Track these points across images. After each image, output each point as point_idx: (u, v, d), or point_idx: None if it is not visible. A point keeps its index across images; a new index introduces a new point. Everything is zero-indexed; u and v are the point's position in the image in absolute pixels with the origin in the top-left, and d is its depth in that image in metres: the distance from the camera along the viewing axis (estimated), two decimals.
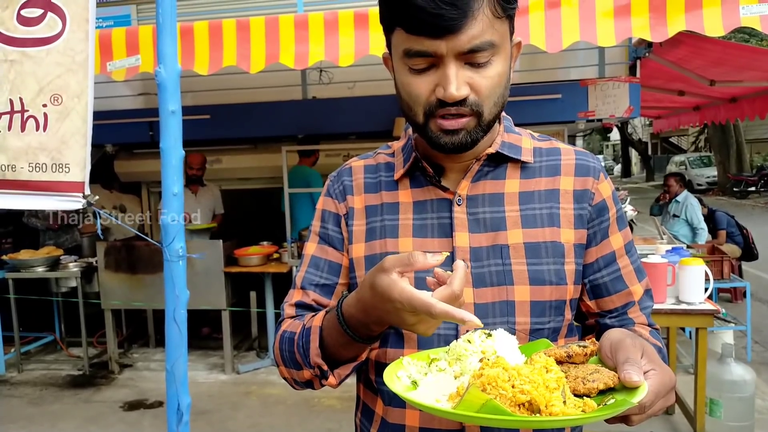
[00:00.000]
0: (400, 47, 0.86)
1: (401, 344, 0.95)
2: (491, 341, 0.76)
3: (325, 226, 1.05)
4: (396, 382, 0.77)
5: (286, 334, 0.98)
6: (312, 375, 0.94)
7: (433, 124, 0.88)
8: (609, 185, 1.00)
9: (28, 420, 4.16)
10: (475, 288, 0.93)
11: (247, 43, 3.05)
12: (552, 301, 0.94)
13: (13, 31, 1.77)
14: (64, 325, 5.59)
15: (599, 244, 0.98)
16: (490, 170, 0.98)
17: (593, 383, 0.70)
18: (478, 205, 0.96)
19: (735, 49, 5.09)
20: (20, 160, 1.80)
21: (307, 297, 1.03)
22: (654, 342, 0.95)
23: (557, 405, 0.65)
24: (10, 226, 5.93)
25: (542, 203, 0.96)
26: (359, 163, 1.07)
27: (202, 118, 5.21)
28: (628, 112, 4.84)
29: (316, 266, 1.03)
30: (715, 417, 3.30)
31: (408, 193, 1.00)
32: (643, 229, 11.17)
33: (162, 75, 1.97)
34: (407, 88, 0.88)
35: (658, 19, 2.76)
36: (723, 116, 6.97)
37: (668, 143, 31.53)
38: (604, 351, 0.76)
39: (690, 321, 3.28)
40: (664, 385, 0.72)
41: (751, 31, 13.99)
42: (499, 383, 0.66)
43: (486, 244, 0.94)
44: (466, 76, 0.84)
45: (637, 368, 0.70)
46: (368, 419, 1.04)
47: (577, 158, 1.00)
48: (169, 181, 2.09)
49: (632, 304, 1.00)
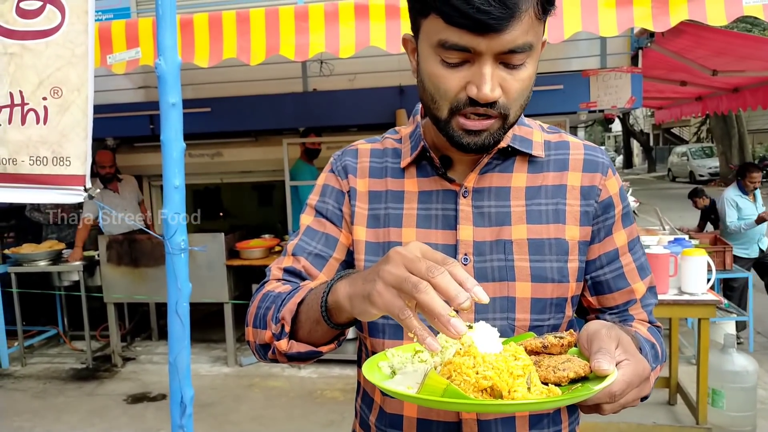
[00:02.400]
0: (434, 36, 0.81)
1: (400, 335, 0.94)
2: (471, 333, 0.76)
3: (325, 200, 1.02)
4: (375, 372, 0.78)
5: (272, 293, 0.93)
6: (272, 333, 0.87)
7: (456, 123, 0.85)
8: (617, 181, 0.98)
9: (32, 413, 4.18)
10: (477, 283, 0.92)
11: (247, 35, 3.04)
12: (553, 299, 0.93)
13: (12, 23, 1.76)
14: (67, 319, 5.60)
15: (602, 241, 0.97)
16: (499, 163, 0.96)
17: (563, 372, 0.71)
18: (483, 199, 0.94)
19: (737, 38, 5.06)
20: (21, 154, 1.80)
21: (297, 263, 0.99)
22: (647, 337, 0.94)
23: (520, 391, 0.66)
24: (13, 220, 5.94)
25: (549, 199, 0.95)
26: (366, 146, 1.05)
27: (202, 111, 5.20)
28: (630, 103, 4.83)
29: (312, 236, 1.00)
30: (718, 407, 3.31)
31: (414, 182, 0.98)
32: (645, 220, 11.17)
33: (162, 67, 1.96)
34: (435, 80, 0.83)
35: (660, 8, 2.74)
36: (725, 106, 6.95)
37: (670, 134, 31.45)
38: (581, 342, 0.75)
39: (692, 311, 3.28)
40: (637, 375, 0.72)
41: (753, 21, 13.92)
42: (463, 369, 0.67)
43: (489, 239, 0.93)
44: (500, 77, 0.81)
45: (608, 357, 0.70)
46: (368, 406, 1.03)
47: (585, 153, 0.98)
48: (170, 174, 2.09)
49: (634, 302, 1.00)
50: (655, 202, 13.63)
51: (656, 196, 17.86)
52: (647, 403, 3.89)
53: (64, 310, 5.57)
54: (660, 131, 32.47)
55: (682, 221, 8.18)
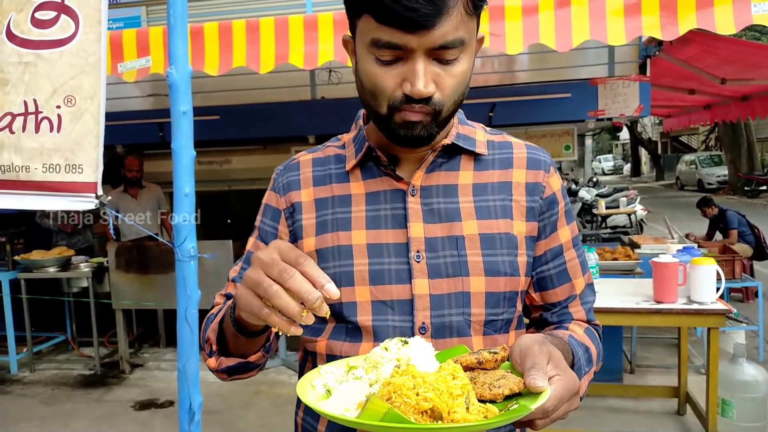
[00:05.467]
0: (367, 35, 0.84)
1: (359, 338, 0.94)
2: (407, 349, 0.76)
3: (264, 221, 1.04)
4: (310, 392, 0.77)
5: (211, 317, 0.97)
6: (206, 353, 0.92)
7: (398, 116, 0.87)
8: (558, 179, 1.02)
9: (40, 419, 4.20)
10: (431, 279, 0.92)
11: (256, 44, 3.06)
12: (506, 292, 0.95)
13: (27, 33, 1.78)
14: (75, 325, 5.62)
15: (548, 237, 1.00)
16: (444, 161, 0.98)
17: (499, 389, 0.71)
18: (432, 196, 0.96)
19: (746, 47, 5.05)
20: (34, 161, 1.81)
21: (235, 289, 1.00)
22: (581, 340, 0.96)
23: (459, 412, 0.66)
24: (23, 226, 5.98)
25: (495, 195, 0.97)
26: (307, 157, 1.05)
27: (211, 118, 5.23)
28: (638, 111, 4.82)
29: (249, 262, 1.02)
30: (728, 417, 3.28)
31: (360, 184, 0.98)
32: (654, 229, 11.12)
33: (173, 76, 1.98)
34: (372, 78, 0.86)
35: (668, 17, 2.74)
36: (734, 115, 6.92)
37: (678, 142, 31.33)
38: (513, 357, 0.76)
39: (701, 321, 3.25)
40: (568, 390, 0.73)
41: (762, 29, 13.88)
42: (404, 391, 0.67)
43: (441, 235, 0.94)
44: (434, 73, 0.84)
45: (542, 374, 0.71)
46: (314, 416, 1.01)
47: (528, 152, 1.01)
48: (181, 182, 2.10)
49: (574, 298, 1.03)
50: (664, 210, 13.58)
51: (664, 204, 17.78)
52: (656, 412, 3.87)
53: (73, 317, 5.59)
54: (668, 139, 32.35)
55: (691, 230, 8.13)
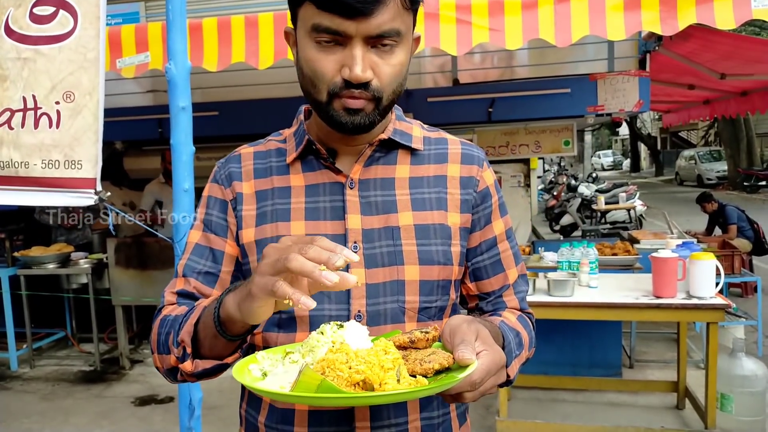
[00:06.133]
0: (308, 21, 0.86)
1: (293, 327, 0.96)
2: (342, 332, 0.78)
3: (209, 213, 1.03)
4: (246, 374, 0.79)
5: (169, 317, 0.96)
6: (175, 357, 0.91)
7: (337, 103, 0.89)
8: (491, 174, 1.07)
9: (40, 415, 4.21)
10: (367, 269, 0.95)
11: (255, 40, 3.05)
12: (440, 281, 0.98)
13: (26, 29, 1.78)
14: (75, 321, 5.63)
15: (483, 229, 1.04)
16: (382, 156, 1.01)
17: (429, 364, 0.75)
18: (369, 189, 0.98)
19: (746, 42, 5.05)
20: (33, 157, 1.81)
21: (188, 285, 1.01)
22: (513, 326, 0.99)
23: (390, 383, 0.69)
24: (22, 222, 5.98)
25: (431, 188, 1.01)
26: (249, 150, 1.07)
27: (210, 114, 5.23)
28: (638, 107, 4.82)
29: (200, 254, 1.02)
30: (726, 412, 3.29)
31: (300, 177, 1.00)
32: (653, 224, 11.13)
33: (172, 71, 1.98)
34: (312, 64, 0.88)
35: (668, 12, 2.74)
36: (733, 110, 6.92)
37: (678, 137, 31.33)
38: (444, 336, 0.80)
39: (701, 316, 3.26)
40: (495, 363, 0.78)
41: (762, 24, 13.87)
42: (336, 365, 0.70)
43: (378, 226, 0.97)
44: (372, 61, 0.87)
45: (470, 348, 0.75)
46: (255, 408, 1.03)
47: (462, 148, 1.05)
48: (180, 177, 2.10)
49: (507, 287, 1.07)
50: (663, 205, 13.58)
51: (664, 199, 17.79)
52: (656, 407, 3.88)
53: (73, 313, 5.59)
54: (667, 135, 32.36)
55: (690, 225, 8.15)
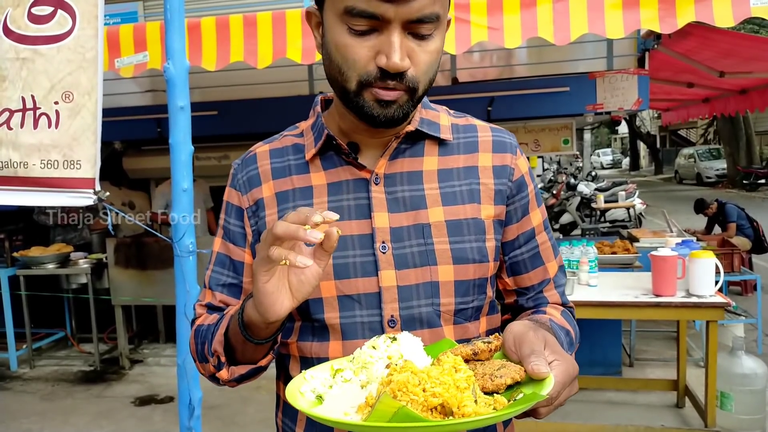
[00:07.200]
0: (341, 3, 0.79)
1: (326, 336, 0.91)
2: (397, 345, 0.74)
3: (228, 220, 0.99)
4: (299, 399, 0.73)
5: (203, 327, 0.95)
6: (212, 366, 0.90)
7: (368, 94, 0.82)
8: (525, 162, 0.99)
9: (40, 415, 4.20)
10: (398, 270, 0.89)
11: (254, 39, 3.05)
12: (475, 280, 0.92)
13: (24, 29, 1.77)
14: (74, 322, 5.62)
15: (520, 221, 0.97)
16: (408, 147, 0.94)
17: (501, 379, 0.70)
18: (396, 184, 0.92)
19: (745, 40, 5.04)
20: (32, 157, 1.81)
21: (214, 299, 0.98)
22: (561, 324, 0.94)
23: (469, 405, 0.64)
24: (21, 223, 5.97)
25: (461, 180, 0.94)
26: (264, 148, 1.01)
27: (209, 114, 5.22)
28: (637, 105, 4.82)
29: (222, 264, 0.99)
30: (726, 410, 3.29)
31: (321, 175, 0.94)
32: (653, 223, 11.13)
33: (171, 71, 1.98)
34: (343, 50, 0.81)
35: (667, 10, 2.73)
36: (732, 108, 6.91)
37: (677, 136, 31.32)
38: (507, 345, 0.74)
39: (700, 314, 3.25)
40: (568, 375, 0.72)
41: (760, 22, 13.87)
42: (409, 388, 0.64)
43: (407, 224, 0.90)
44: (409, 48, 0.80)
45: (543, 360, 0.69)
46: (292, 419, 0.99)
47: (493, 135, 0.98)
48: (179, 177, 2.10)
49: (548, 282, 1.01)
50: (662, 204, 13.59)
51: (663, 198, 17.79)
52: (656, 405, 3.88)
53: (72, 313, 5.59)
54: (667, 133, 32.35)
55: (690, 223, 8.15)
